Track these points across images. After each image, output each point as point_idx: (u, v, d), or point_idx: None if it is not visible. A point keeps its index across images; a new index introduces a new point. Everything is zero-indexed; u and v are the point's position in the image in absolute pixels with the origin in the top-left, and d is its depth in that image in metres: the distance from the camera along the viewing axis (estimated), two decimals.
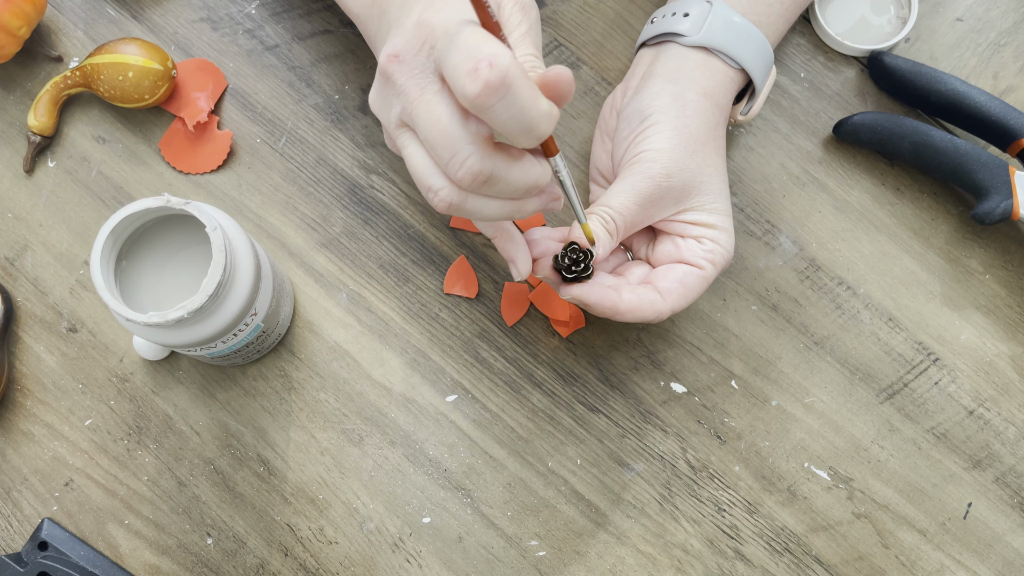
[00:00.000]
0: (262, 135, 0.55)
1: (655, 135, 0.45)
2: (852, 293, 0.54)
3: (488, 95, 0.32)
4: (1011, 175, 0.51)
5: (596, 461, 0.52)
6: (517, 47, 0.39)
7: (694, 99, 0.46)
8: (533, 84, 0.33)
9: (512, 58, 0.32)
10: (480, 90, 0.31)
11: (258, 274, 0.44)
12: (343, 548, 0.51)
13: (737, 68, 0.48)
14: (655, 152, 0.45)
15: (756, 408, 0.53)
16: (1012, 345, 0.54)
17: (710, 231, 0.46)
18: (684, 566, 0.51)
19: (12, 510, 0.51)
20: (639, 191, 0.45)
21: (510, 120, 0.33)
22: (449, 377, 0.53)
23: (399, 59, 0.37)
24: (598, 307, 0.44)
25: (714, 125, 0.47)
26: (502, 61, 0.31)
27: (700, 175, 0.46)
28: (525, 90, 0.32)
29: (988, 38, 0.57)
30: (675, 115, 0.46)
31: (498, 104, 0.32)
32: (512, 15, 0.40)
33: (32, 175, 0.54)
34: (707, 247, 0.46)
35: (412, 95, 0.36)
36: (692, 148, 0.45)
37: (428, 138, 0.36)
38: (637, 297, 0.44)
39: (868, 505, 0.52)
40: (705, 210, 0.46)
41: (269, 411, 0.52)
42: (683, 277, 0.45)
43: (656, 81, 0.47)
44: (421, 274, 0.54)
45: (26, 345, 0.52)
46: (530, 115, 0.33)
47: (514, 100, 0.32)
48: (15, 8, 0.51)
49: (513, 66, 0.32)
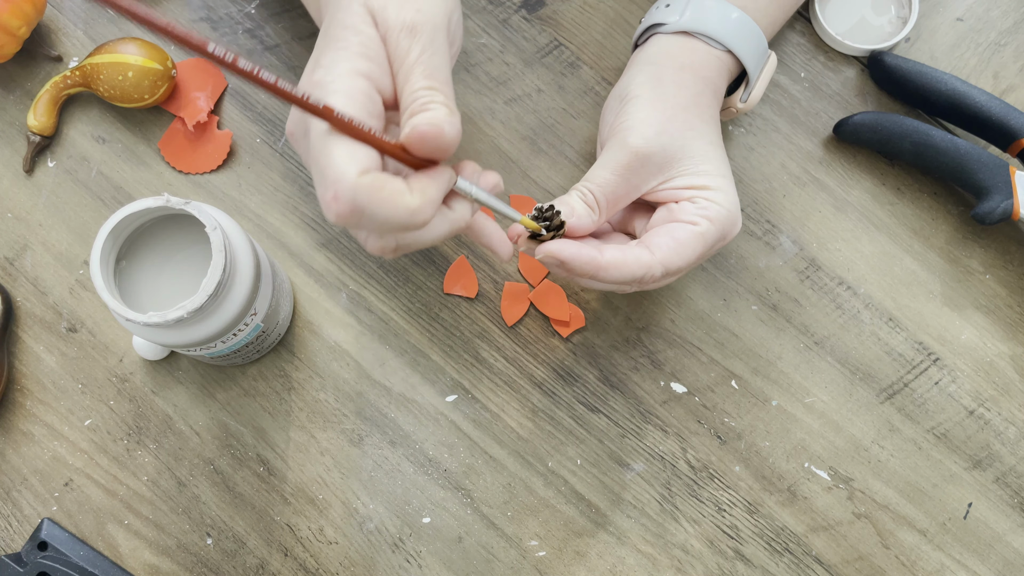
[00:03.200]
0: (262, 135, 0.55)
1: (631, 109, 0.45)
2: (852, 293, 0.54)
3: (345, 221, 0.33)
4: (1011, 175, 0.51)
5: (596, 461, 0.52)
6: (407, 81, 0.36)
7: (671, 72, 0.46)
8: (388, 191, 0.33)
9: (355, 179, 0.32)
10: (336, 220, 0.33)
11: (258, 274, 0.44)
12: (343, 548, 0.51)
13: (723, 50, 0.47)
14: (631, 121, 0.44)
15: (756, 408, 0.53)
16: (1012, 345, 0.54)
17: (702, 191, 0.44)
18: (684, 566, 0.51)
19: (12, 510, 0.51)
20: (616, 160, 0.44)
21: (380, 228, 0.34)
22: (449, 377, 0.52)
23: (293, 137, 0.38)
24: (576, 262, 0.41)
25: (696, 93, 0.46)
26: (344, 191, 0.32)
27: (681, 139, 0.44)
28: (380, 204, 0.32)
29: (988, 38, 0.57)
30: (651, 87, 0.45)
31: (360, 221, 0.33)
32: (399, 44, 0.36)
33: (32, 175, 0.54)
34: (700, 205, 0.44)
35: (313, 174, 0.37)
36: (670, 114, 0.45)
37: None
38: (620, 252, 0.41)
39: (868, 505, 0.52)
40: (694, 173, 0.44)
41: (269, 411, 0.52)
42: (673, 231, 0.43)
43: (635, 67, 0.48)
44: (421, 274, 0.54)
45: (26, 345, 0.52)
46: (395, 220, 0.33)
47: (373, 216, 0.33)
48: (15, 8, 0.51)
49: (359, 189, 0.32)
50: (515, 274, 0.54)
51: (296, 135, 0.38)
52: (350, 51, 0.36)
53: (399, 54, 0.36)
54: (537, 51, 0.56)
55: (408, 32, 0.36)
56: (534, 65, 0.56)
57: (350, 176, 0.32)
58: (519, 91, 0.56)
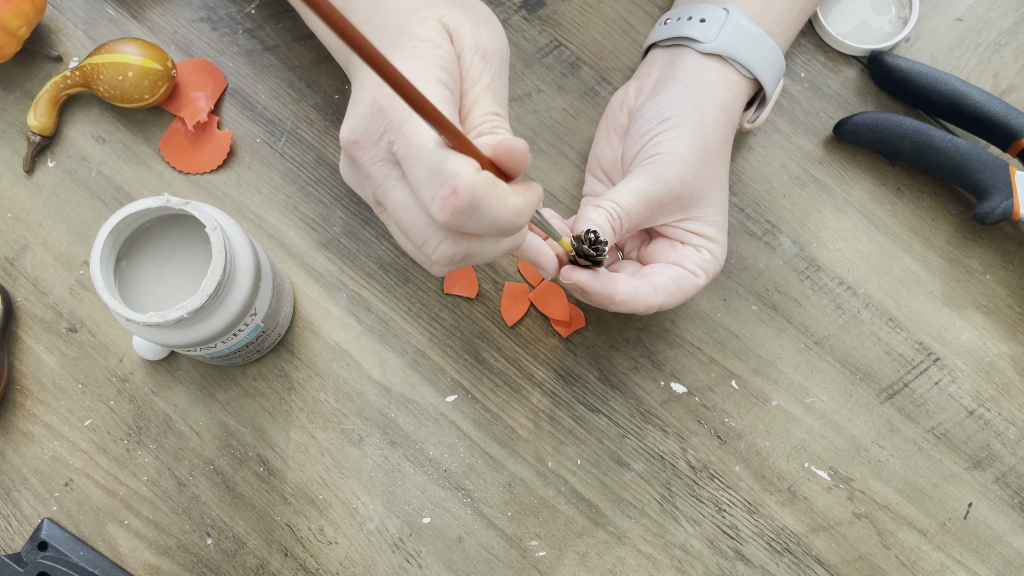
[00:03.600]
0: (262, 135, 0.55)
1: (674, 139, 0.45)
2: (852, 293, 0.54)
3: (457, 218, 0.32)
4: (1011, 175, 0.51)
5: (596, 461, 0.52)
6: (477, 103, 0.37)
7: (713, 110, 0.46)
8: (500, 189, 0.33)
9: (475, 175, 0.32)
10: (449, 217, 0.32)
11: (258, 274, 0.44)
12: (343, 548, 0.51)
13: (750, 78, 0.48)
14: (672, 156, 0.45)
15: (756, 408, 0.53)
16: (1012, 345, 0.54)
17: (708, 243, 0.46)
18: (684, 566, 0.51)
19: (12, 510, 0.51)
20: (651, 194, 0.44)
21: (484, 229, 0.33)
22: (449, 377, 0.53)
23: (359, 145, 0.36)
24: (597, 294, 0.43)
25: (727, 139, 0.47)
26: (466, 186, 0.31)
27: (708, 187, 0.46)
28: (493, 201, 0.32)
29: (988, 38, 0.57)
30: (695, 122, 0.46)
31: (469, 221, 0.32)
32: (472, 65, 0.37)
33: (32, 175, 0.54)
34: (704, 256, 0.46)
35: (377, 180, 0.36)
36: (706, 159, 0.45)
37: (399, 223, 0.36)
38: (632, 289, 0.44)
39: (868, 505, 0.52)
40: (707, 222, 0.46)
41: (269, 411, 0.52)
42: (679, 278, 0.45)
43: (676, 85, 0.47)
44: (421, 274, 0.54)
45: (26, 345, 0.52)
46: (502, 221, 0.33)
47: (484, 214, 0.32)
48: (15, 8, 0.51)
49: (478, 185, 0.32)
50: (515, 274, 0.54)
51: (363, 142, 0.36)
52: (429, 61, 0.35)
53: (472, 76, 0.37)
54: (537, 51, 0.56)
55: (482, 56, 0.37)
56: (534, 65, 0.56)
57: (470, 172, 0.32)
58: (519, 91, 0.56)
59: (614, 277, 0.44)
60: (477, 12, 0.39)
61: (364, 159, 0.36)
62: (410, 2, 0.39)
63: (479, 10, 0.40)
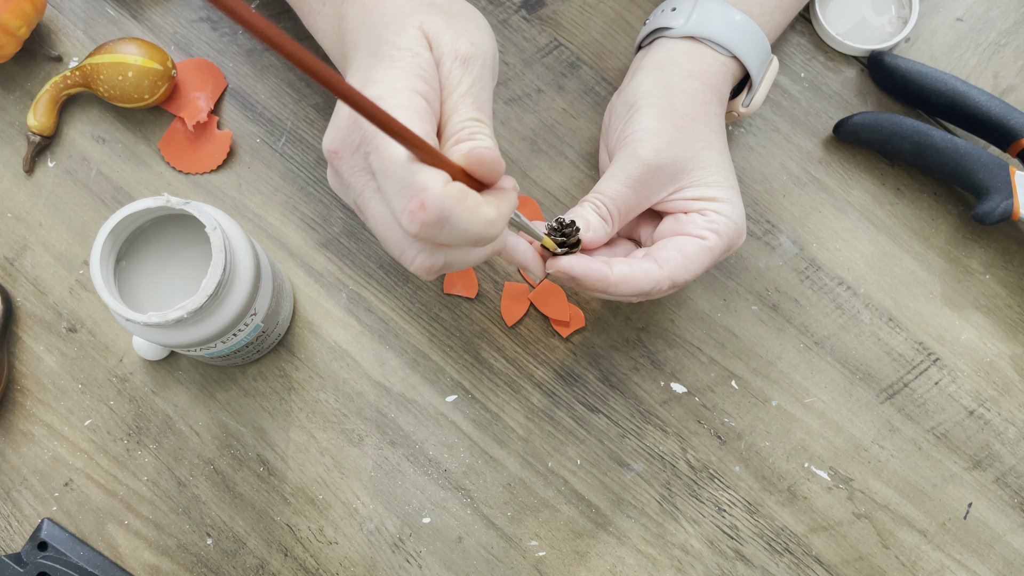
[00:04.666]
0: (262, 135, 0.55)
1: (641, 119, 0.45)
2: (852, 293, 0.54)
3: (427, 231, 0.32)
4: (1011, 175, 0.51)
5: (596, 461, 0.52)
6: (456, 110, 0.37)
7: (679, 80, 0.46)
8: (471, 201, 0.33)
9: (443, 187, 0.32)
10: (419, 230, 0.32)
11: (258, 274, 0.44)
12: (343, 548, 0.51)
13: (728, 56, 0.47)
14: (641, 132, 0.45)
15: (756, 408, 0.53)
16: (1012, 345, 0.54)
17: (711, 203, 0.45)
18: (684, 566, 0.51)
19: (12, 510, 0.51)
20: (628, 172, 0.44)
21: (456, 241, 0.33)
22: (449, 377, 0.52)
23: (339, 155, 0.36)
24: (588, 279, 0.42)
25: (704, 102, 0.46)
26: (434, 199, 0.31)
27: (691, 150, 0.45)
28: (463, 214, 0.32)
29: (988, 38, 0.57)
30: (659, 96, 0.45)
31: (440, 232, 0.32)
32: (451, 72, 0.37)
33: (32, 175, 0.54)
34: (709, 218, 0.44)
35: (357, 190, 0.36)
36: (679, 124, 0.45)
37: (377, 233, 0.36)
38: (629, 267, 0.42)
39: (868, 505, 0.52)
40: (704, 184, 0.45)
41: (269, 411, 0.52)
42: (682, 245, 0.43)
43: (641, 72, 0.48)
44: None
45: (26, 345, 0.52)
46: (473, 232, 0.33)
47: (455, 226, 0.32)
48: (15, 8, 0.51)
49: (447, 198, 0.32)
50: (515, 274, 0.54)
51: (342, 153, 0.36)
52: (407, 70, 0.35)
53: (451, 82, 0.37)
54: (537, 51, 0.56)
55: (461, 62, 0.37)
56: (534, 65, 0.56)
57: (438, 185, 0.32)
58: (519, 91, 0.56)
59: (608, 260, 0.43)
60: (461, 17, 0.39)
61: (343, 169, 0.37)
62: (395, 8, 0.39)
63: (464, 15, 0.40)
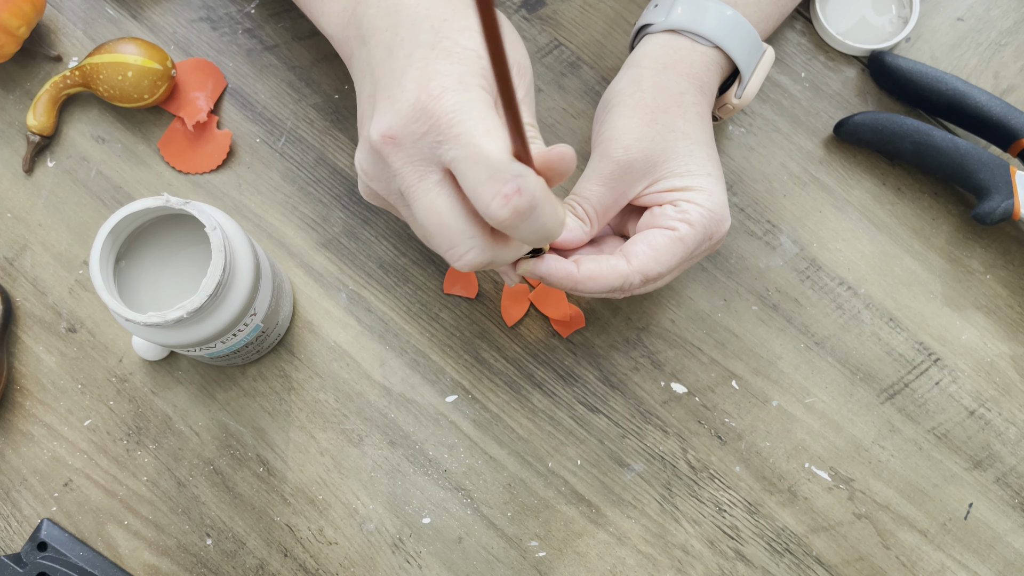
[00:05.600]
0: (262, 135, 0.55)
1: (612, 118, 0.45)
2: (853, 293, 0.54)
3: (516, 219, 0.32)
4: (1012, 175, 0.51)
5: (596, 461, 0.52)
6: None
7: (650, 74, 0.46)
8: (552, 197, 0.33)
9: (536, 179, 0.32)
10: (509, 216, 0.32)
11: (257, 274, 0.44)
12: (343, 548, 0.51)
13: (711, 46, 0.47)
14: (611, 130, 0.45)
15: (757, 408, 0.53)
16: (1013, 345, 0.54)
17: (684, 193, 0.44)
18: (684, 567, 0.51)
19: (11, 510, 0.51)
20: (600, 171, 0.44)
21: (531, 234, 0.33)
22: (449, 377, 0.52)
23: (396, 142, 0.35)
24: (554, 278, 0.42)
25: (678, 92, 0.46)
26: (530, 187, 0.32)
27: (662, 141, 0.44)
28: (547, 207, 0.33)
29: (989, 38, 0.57)
30: (630, 93, 0.46)
31: (523, 223, 0.33)
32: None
33: (31, 175, 0.54)
34: (681, 208, 0.44)
35: (410, 180, 0.35)
36: (649, 118, 0.44)
37: (425, 226, 0.35)
38: (596, 264, 0.42)
39: (869, 505, 0.52)
40: (675, 175, 0.44)
41: (269, 411, 0.52)
42: (651, 238, 0.43)
43: (619, 73, 0.48)
44: (421, 274, 0.54)
45: (25, 345, 0.52)
46: (550, 228, 0.33)
47: (537, 218, 0.33)
48: (14, 8, 0.51)
49: (539, 189, 0.32)
50: None
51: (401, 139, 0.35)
52: (473, 68, 0.35)
53: None
54: (537, 51, 0.56)
55: (518, 70, 0.38)
56: (534, 65, 0.56)
57: (532, 174, 0.32)
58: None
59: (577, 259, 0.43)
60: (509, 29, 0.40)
61: (398, 157, 0.35)
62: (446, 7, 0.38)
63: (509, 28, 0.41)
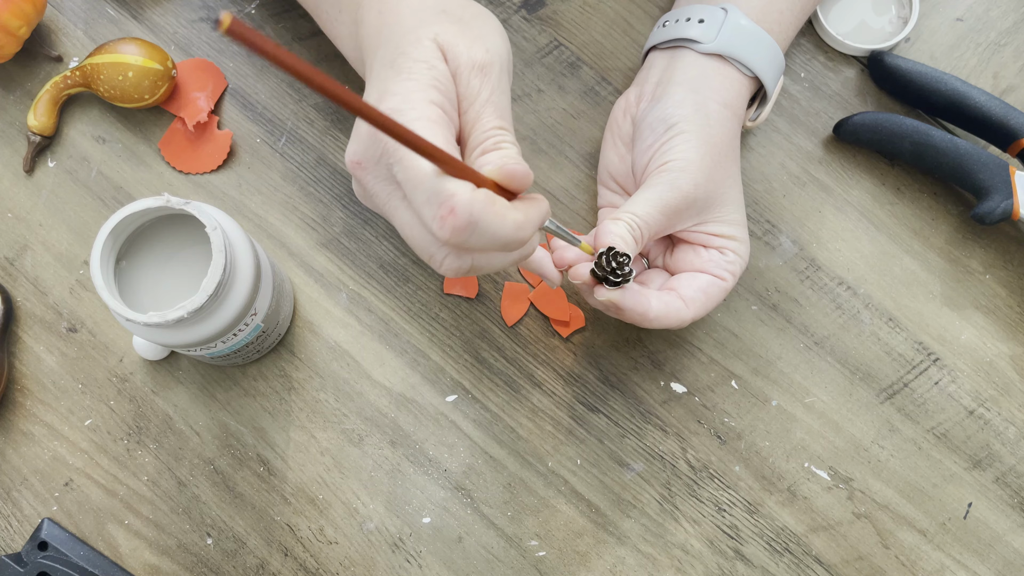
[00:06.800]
0: (262, 135, 0.55)
1: (682, 144, 0.45)
2: (852, 293, 0.54)
3: (457, 236, 0.33)
4: (1011, 175, 0.51)
5: (596, 461, 0.52)
6: (479, 119, 0.37)
7: (716, 109, 0.46)
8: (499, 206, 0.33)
9: (471, 193, 0.33)
10: (449, 235, 0.33)
11: (258, 274, 0.44)
12: (343, 548, 0.51)
13: (750, 76, 0.48)
14: (683, 162, 0.45)
15: (756, 408, 0.53)
16: (1012, 345, 0.54)
17: (730, 242, 0.47)
18: (684, 566, 0.51)
19: (12, 510, 0.51)
20: (666, 201, 0.44)
21: (486, 245, 0.34)
22: (449, 377, 0.53)
23: (361, 166, 0.38)
24: (630, 313, 0.44)
25: (733, 135, 0.47)
26: (463, 204, 0.32)
27: (722, 186, 0.46)
28: (492, 218, 0.33)
29: (988, 38, 0.57)
30: (700, 125, 0.46)
31: (469, 239, 0.33)
32: (470, 83, 0.38)
33: (32, 175, 0.54)
34: (728, 258, 0.47)
35: (381, 199, 0.38)
36: (716, 160, 0.46)
37: (406, 237, 0.37)
38: (664, 305, 0.45)
39: (868, 505, 0.52)
40: (726, 222, 0.47)
41: (269, 411, 0.52)
42: (706, 287, 0.46)
43: (677, 89, 0.47)
44: (421, 274, 0.54)
45: (26, 345, 0.52)
46: (502, 235, 0.34)
47: (484, 230, 0.33)
48: (15, 8, 0.51)
49: (475, 203, 0.32)
50: (515, 274, 0.54)
51: (365, 164, 0.37)
52: (423, 82, 0.36)
53: (470, 93, 0.38)
54: (537, 51, 0.56)
55: (479, 71, 0.38)
56: (534, 65, 0.56)
57: (467, 191, 0.33)
58: (519, 91, 0.56)
59: (646, 294, 0.44)
60: (475, 22, 0.40)
61: (367, 180, 0.38)
62: (412, 18, 0.39)
63: (478, 19, 0.40)
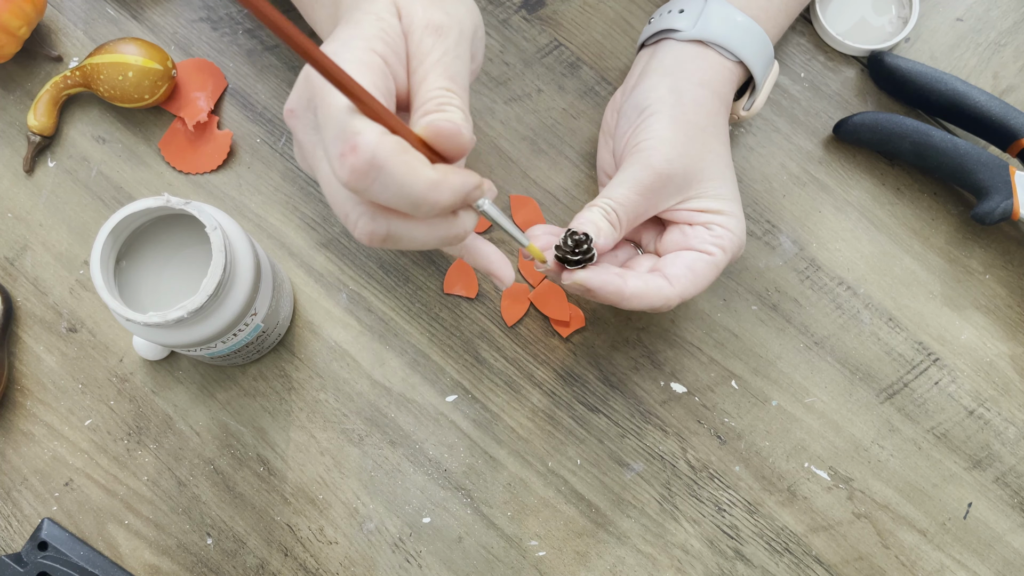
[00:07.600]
0: (262, 135, 0.55)
1: (653, 124, 0.45)
2: (852, 293, 0.54)
3: (357, 179, 0.30)
4: (1011, 175, 0.51)
5: (596, 461, 0.52)
6: (426, 78, 0.35)
7: (690, 88, 0.46)
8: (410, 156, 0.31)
9: (379, 135, 0.30)
10: (348, 176, 0.30)
11: (258, 274, 0.44)
12: (343, 548, 0.51)
13: (735, 61, 0.48)
14: (655, 140, 0.45)
15: (756, 408, 0.53)
16: (1012, 345, 0.54)
17: (717, 217, 0.45)
18: (684, 566, 0.51)
19: (12, 510, 0.51)
20: (639, 180, 0.44)
21: (391, 199, 0.31)
22: (449, 377, 0.53)
23: (294, 114, 0.35)
24: (602, 292, 0.42)
25: (713, 113, 0.47)
26: (366, 144, 0.30)
27: (701, 161, 0.45)
28: (399, 167, 0.30)
29: (988, 38, 0.57)
30: (672, 104, 0.46)
31: (372, 185, 0.31)
32: (422, 41, 0.35)
33: (32, 175, 0.54)
34: (715, 233, 0.45)
35: (308, 150, 0.35)
36: (691, 135, 0.45)
37: (326, 195, 0.35)
38: (643, 282, 0.43)
39: (868, 505, 0.52)
40: (710, 196, 0.46)
41: (269, 411, 0.52)
42: (691, 263, 0.44)
43: (652, 76, 0.47)
44: (421, 274, 0.54)
45: (26, 345, 0.52)
46: (411, 190, 0.31)
47: (389, 180, 0.30)
48: (15, 8, 0.51)
49: (381, 145, 0.30)
50: (515, 274, 0.54)
51: (297, 111, 0.35)
52: (368, 31, 0.34)
53: (420, 52, 0.35)
54: (537, 51, 0.56)
55: (433, 31, 0.35)
56: (534, 65, 0.56)
57: (373, 131, 0.30)
58: (519, 91, 0.56)
59: (621, 273, 0.43)
60: None
61: (298, 129, 0.35)
62: None
63: None
